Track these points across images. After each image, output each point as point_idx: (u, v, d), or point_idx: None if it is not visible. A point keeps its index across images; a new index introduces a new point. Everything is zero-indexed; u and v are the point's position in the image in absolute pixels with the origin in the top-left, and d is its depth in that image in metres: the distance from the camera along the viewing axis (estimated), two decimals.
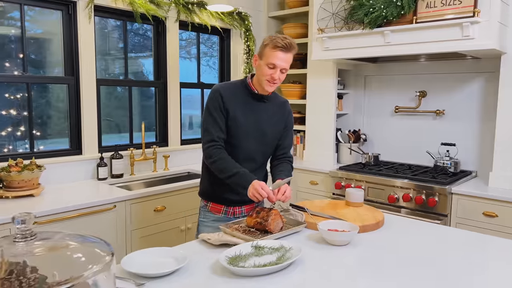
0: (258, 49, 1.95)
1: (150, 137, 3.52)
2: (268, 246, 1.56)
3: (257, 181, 1.79)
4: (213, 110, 1.90)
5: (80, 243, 1.09)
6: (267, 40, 1.87)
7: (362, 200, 2.12)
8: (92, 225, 2.40)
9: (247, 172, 1.84)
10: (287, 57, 1.85)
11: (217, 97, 1.90)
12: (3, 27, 2.65)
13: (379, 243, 1.70)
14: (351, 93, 3.92)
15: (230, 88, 1.94)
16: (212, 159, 1.88)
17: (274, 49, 1.83)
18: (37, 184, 2.52)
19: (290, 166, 2.09)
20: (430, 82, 3.46)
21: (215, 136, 1.88)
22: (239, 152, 1.94)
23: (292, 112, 2.13)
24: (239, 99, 1.93)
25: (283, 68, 1.86)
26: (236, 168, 1.84)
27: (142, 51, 3.45)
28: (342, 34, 3.17)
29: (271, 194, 1.78)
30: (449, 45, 2.70)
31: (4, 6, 2.63)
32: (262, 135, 1.97)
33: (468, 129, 3.28)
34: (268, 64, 1.84)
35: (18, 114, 2.74)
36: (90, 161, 2.99)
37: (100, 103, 3.10)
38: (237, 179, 1.82)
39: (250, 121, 1.93)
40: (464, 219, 2.79)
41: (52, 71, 2.90)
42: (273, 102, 2.03)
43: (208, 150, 1.89)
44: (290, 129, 2.12)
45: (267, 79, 1.86)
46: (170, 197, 2.79)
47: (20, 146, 2.77)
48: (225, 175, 1.85)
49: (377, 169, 3.31)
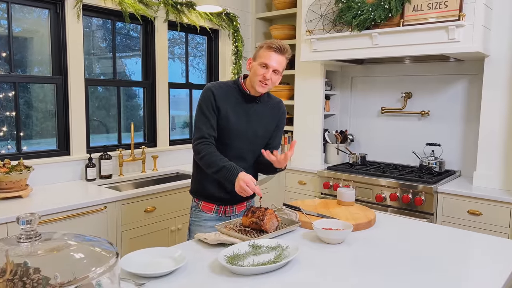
0: (254, 52, 1.98)
1: (138, 137, 3.49)
2: (265, 245, 1.58)
3: (242, 176, 1.78)
4: (205, 108, 1.91)
5: (83, 243, 1.09)
6: (263, 43, 1.91)
7: (353, 199, 2.16)
8: (82, 227, 2.38)
9: (233, 165, 1.83)
10: (280, 59, 1.88)
11: (209, 96, 1.92)
12: None
13: (372, 241, 1.73)
14: (338, 94, 3.97)
15: (223, 88, 1.96)
16: (200, 155, 1.88)
17: (268, 49, 1.87)
18: (25, 185, 2.48)
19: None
20: (415, 83, 3.53)
21: (206, 133, 1.90)
22: (230, 151, 1.96)
23: (286, 112, 2.15)
24: (231, 99, 1.95)
25: (276, 69, 1.88)
26: (223, 162, 1.84)
27: (126, 51, 3.42)
28: (331, 36, 3.21)
29: (257, 190, 1.77)
30: (435, 47, 2.77)
31: None
32: (253, 135, 1.99)
33: (453, 129, 3.37)
34: (260, 63, 1.86)
35: (5, 114, 2.69)
36: (78, 162, 2.95)
37: (88, 103, 3.07)
38: (223, 174, 1.82)
39: (241, 121, 1.95)
40: (449, 217, 2.87)
41: (39, 70, 2.86)
42: (266, 103, 2.05)
43: (197, 146, 1.90)
44: (281, 129, 2.14)
45: (259, 79, 1.88)
46: (160, 197, 2.78)
47: (6, 147, 2.72)
48: (212, 169, 1.85)
49: (364, 168, 3.37)
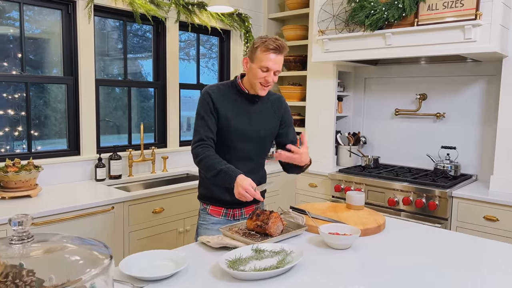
0: (248, 51, 1.90)
1: (149, 138, 3.49)
2: (269, 250, 1.54)
3: (241, 181, 1.70)
4: (203, 112, 1.88)
5: (78, 245, 1.07)
6: (258, 42, 1.82)
7: (363, 203, 2.10)
8: (89, 227, 2.38)
9: (231, 168, 1.77)
10: (279, 59, 1.82)
11: (206, 99, 1.88)
12: (2, 26, 2.63)
13: (381, 247, 1.68)
14: (351, 95, 3.90)
15: (220, 89, 1.92)
16: (198, 158, 1.84)
17: (267, 51, 1.79)
18: (34, 185, 2.49)
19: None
20: (430, 84, 3.45)
21: (203, 136, 1.86)
22: (235, 153, 1.93)
23: (288, 106, 2.10)
24: (229, 100, 1.91)
25: (276, 70, 1.84)
26: (220, 165, 1.77)
27: (141, 52, 3.43)
28: (343, 36, 3.15)
29: (257, 195, 1.70)
30: (451, 47, 2.69)
31: (3, 6, 2.61)
32: (256, 134, 1.95)
33: (469, 132, 3.27)
34: (261, 67, 1.81)
35: (16, 114, 2.71)
36: (88, 162, 2.96)
37: (99, 104, 3.08)
38: (222, 177, 1.77)
39: (242, 121, 1.91)
40: (464, 223, 2.78)
41: (51, 71, 2.88)
42: (266, 100, 2.01)
43: (195, 149, 1.86)
44: (290, 124, 2.08)
45: (261, 82, 1.84)
46: (169, 198, 2.77)
47: (18, 147, 2.74)
48: (210, 173, 1.80)
49: (377, 172, 3.30)
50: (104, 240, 2.44)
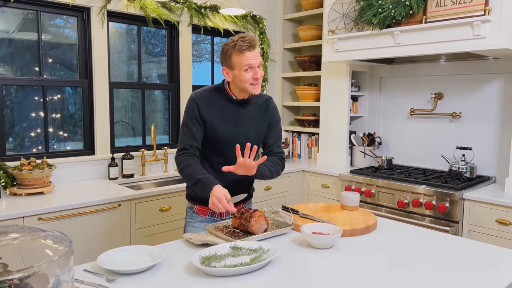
0: (222, 61, 1.86)
1: (164, 139, 3.60)
2: (246, 247, 1.56)
3: (216, 192, 1.70)
4: (188, 120, 1.87)
5: (38, 237, 1.14)
6: (229, 49, 1.79)
7: (357, 204, 2.08)
8: (97, 223, 2.49)
9: (209, 178, 1.77)
10: (256, 53, 1.81)
11: (192, 106, 1.87)
12: (23, 33, 2.80)
13: (364, 248, 1.66)
14: (366, 95, 3.84)
15: (207, 96, 1.89)
16: (180, 167, 1.85)
17: (241, 52, 1.77)
18: (47, 182, 2.63)
19: (278, 159, 2.02)
20: (446, 83, 3.34)
21: (187, 145, 1.86)
22: (222, 159, 1.93)
23: (276, 108, 2.08)
24: (216, 106, 1.89)
25: (259, 64, 1.82)
26: (199, 175, 1.78)
27: (158, 55, 3.54)
28: (352, 35, 3.12)
29: (229, 207, 1.69)
30: (460, 45, 2.61)
31: (25, 14, 2.78)
32: (244, 140, 1.93)
33: (487, 132, 3.14)
34: (244, 69, 1.78)
35: (37, 115, 2.88)
36: (102, 161, 3.09)
37: (113, 105, 3.21)
38: (199, 187, 1.78)
39: (229, 128, 1.90)
40: (476, 226, 2.67)
41: (67, 74, 3.04)
42: (254, 104, 1.98)
43: (178, 158, 1.87)
44: (276, 125, 2.05)
45: (251, 82, 1.82)
46: (176, 197, 2.84)
47: (35, 146, 2.91)
48: (190, 182, 1.81)
49: (389, 173, 3.23)
50: (112, 236, 2.55)
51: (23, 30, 2.81)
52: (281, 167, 2.02)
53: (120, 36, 3.26)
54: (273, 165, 1.97)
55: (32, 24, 2.83)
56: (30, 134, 2.88)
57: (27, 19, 2.81)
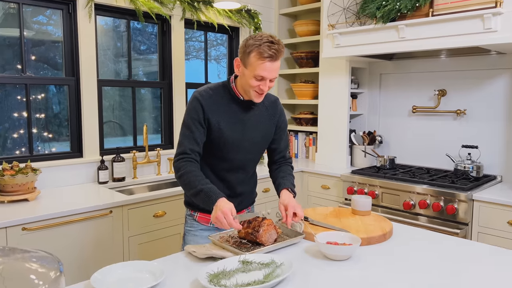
0: (240, 51, 1.67)
1: (156, 139, 3.42)
2: (257, 261, 1.41)
3: (221, 205, 1.53)
4: (191, 122, 1.70)
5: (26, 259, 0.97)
6: (251, 45, 1.60)
7: (369, 208, 1.94)
8: (86, 232, 2.31)
9: (212, 189, 1.60)
10: (275, 66, 1.62)
11: (196, 107, 1.69)
12: (4, 29, 2.60)
13: (384, 258, 1.52)
14: (366, 92, 3.72)
15: (212, 96, 1.72)
16: (179, 173, 1.68)
17: (261, 59, 1.59)
18: (32, 188, 2.44)
19: (290, 168, 1.95)
20: (450, 79, 3.23)
21: (187, 149, 1.69)
22: (226, 164, 1.78)
23: (283, 110, 1.94)
24: (222, 107, 1.72)
25: (273, 78, 1.65)
26: (201, 184, 1.61)
27: (149, 51, 3.35)
28: (354, 29, 2.98)
29: (235, 224, 1.52)
30: (469, 39, 2.49)
31: (6, 8, 2.58)
32: (251, 144, 1.79)
33: (492, 130, 3.04)
34: (255, 76, 1.62)
35: (19, 116, 2.68)
36: (91, 164, 2.90)
37: (102, 104, 3.02)
38: (201, 198, 1.61)
39: (236, 131, 1.74)
40: (486, 228, 2.56)
41: (52, 72, 2.84)
42: (261, 106, 1.83)
43: (177, 163, 1.70)
44: (284, 129, 1.93)
45: (256, 90, 1.66)
46: (170, 202, 2.67)
47: (19, 149, 2.71)
48: (190, 191, 1.65)
49: (392, 173, 3.11)
50: (102, 245, 2.37)
51: (4, 25, 2.60)
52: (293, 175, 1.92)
53: (105, 33, 3.06)
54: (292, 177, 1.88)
55: (14, 19, 2.62)
56: (12, 135, 2.68)
57: (8, 14, 2.60)
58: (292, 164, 1.96)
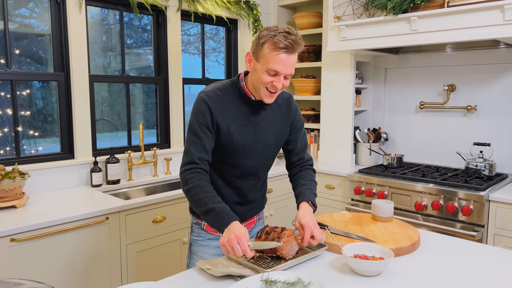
0: (253, 45, 1.51)
1: (151, 138, 3.22)
2: (282, 281, 1.25)
3: (235, 229, 1.36)
4: (197, 126, 1.52)
5: None
6: (265, 36, 1.43)
7: (391, 214, 1.80)
8: (81, 241, 2.12)
9: (225, 209, 1.43)
10: (291, 60, 1.44)
11: (203, 111, 1.52)
12: None
13: (419, 272, 1.37)
14: (370, 87, 3.58)
15: (220, 97, 1.54)
16: (187, 186, 1.49)
17: (276, 50, 1.41)
18: (20, 194, 2.24)
19: (311, 172, 1.77)
20: (460, 74, 3.10)
21: (196, 158, 1.51)
22: (237, 171, 1.62)
23: (298, 107, 1.75)
24: (232, 109, 1.55)
25: (288, 74, 1.47)
26: (213, 203, 1.44)
27: (144, 45, 3.15)
28: (362, 22, 2.83)
29: (248, 252, 1.33)
30: (487, 31, 2.35)
31: None
32: (263, 148, 1.63)
33: (504, 126, 2.92)
34: (268, 70, 1.44)
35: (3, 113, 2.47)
36: (84, 166, 2.71)
37: (94, 101, 2.82)
38: (211, 217, 1.43)
39: (247, 135, 1.58)
40: (503, 230, 2.45)
41: (35, 67, 2.62)
42: (274, 105, 1.66)
43: (184, 174, 1.51)
44: (301, 129, 1.75)
45: (267, 87, 1.48)
46: (170, 206, 2.50)
47: (3, 148, 2.50)
48: (199, 209, 1.47)
49: (401, 172, 2.98)
50: (99, 254, 2.19)
51: None
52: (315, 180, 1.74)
53: (91, 27, 2.83)
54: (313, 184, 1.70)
55: None
56: None
57: None
58: (313, 167, 1.79)
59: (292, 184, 1.75)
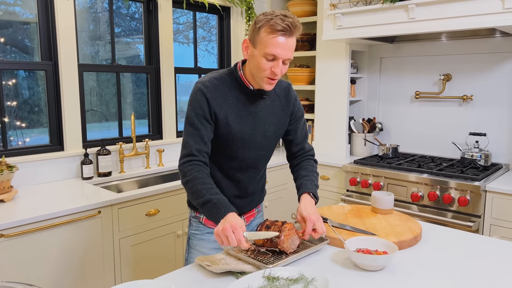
0: (249, 31, 1.45)
1: (143, 129, 3.15)
2: (285, 277, 1.21)
3: (232, 219, 1.31)
4: (195, 117, 1.47)
5: None
6: (261, 20, 1.38)
7: (392, 207, 1.77)
8: (73, 236, 2.06)
9: (222, 201, 1.38)
10: (290, 43, 1.39)
11: (200, 100, 1.47)
12: None
13: (423, 266, 1.35)
14: (365, 77, 3.54)
15: (218, 87, 1.49)
16: (185, 179, 1.44)
17: (273, 33, 1.36)
18: (8, 188, 2.16)
19: (312, 162, 1.71)
20: (455, 63, 3.07)
21: (194, 149, 1.46)
22: (236, 163, 1.57)
23: (297, 96, 1.70)
24: (230, 99, 1.51)
25: (286, 59, 1.41)
26: (210, 194, 1.39)
27: (132, 34, 3.06)
28: (358, 9, 2.78)
29: (243, 242, 1.27)
30: (487, 19, 2.32)
31: None
32: (263, 139, 1.58)
33: (500, 116, 2.91)
34: (266, 55, 1.38)
35: None
36: (74, 158, 2.63)
37: (83, 91, 2.73)
38: (208, 209, 1.38)
39: (246, 126, 1.53)
40: (499, 220, 2.45)
41: (21, 56, 2.53)
42: (272, 94, 1.61)
43: (182, 167, 1.46)
44: (300, 118, 1.70)
45: (266, 75, 1.42)
46: (164, 198, 2.44)
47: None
48: (196, 201, 1.42)
49: (397, 162, 2.95)
50: (91, 249, 2.13)
51: None
52: (316, 171, 1.69)
53: (78, 15, 2.71)
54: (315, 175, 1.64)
55: None
56: None
57: None
58: (315, 158, 1.74)
59: (293, 176, 1.70)
